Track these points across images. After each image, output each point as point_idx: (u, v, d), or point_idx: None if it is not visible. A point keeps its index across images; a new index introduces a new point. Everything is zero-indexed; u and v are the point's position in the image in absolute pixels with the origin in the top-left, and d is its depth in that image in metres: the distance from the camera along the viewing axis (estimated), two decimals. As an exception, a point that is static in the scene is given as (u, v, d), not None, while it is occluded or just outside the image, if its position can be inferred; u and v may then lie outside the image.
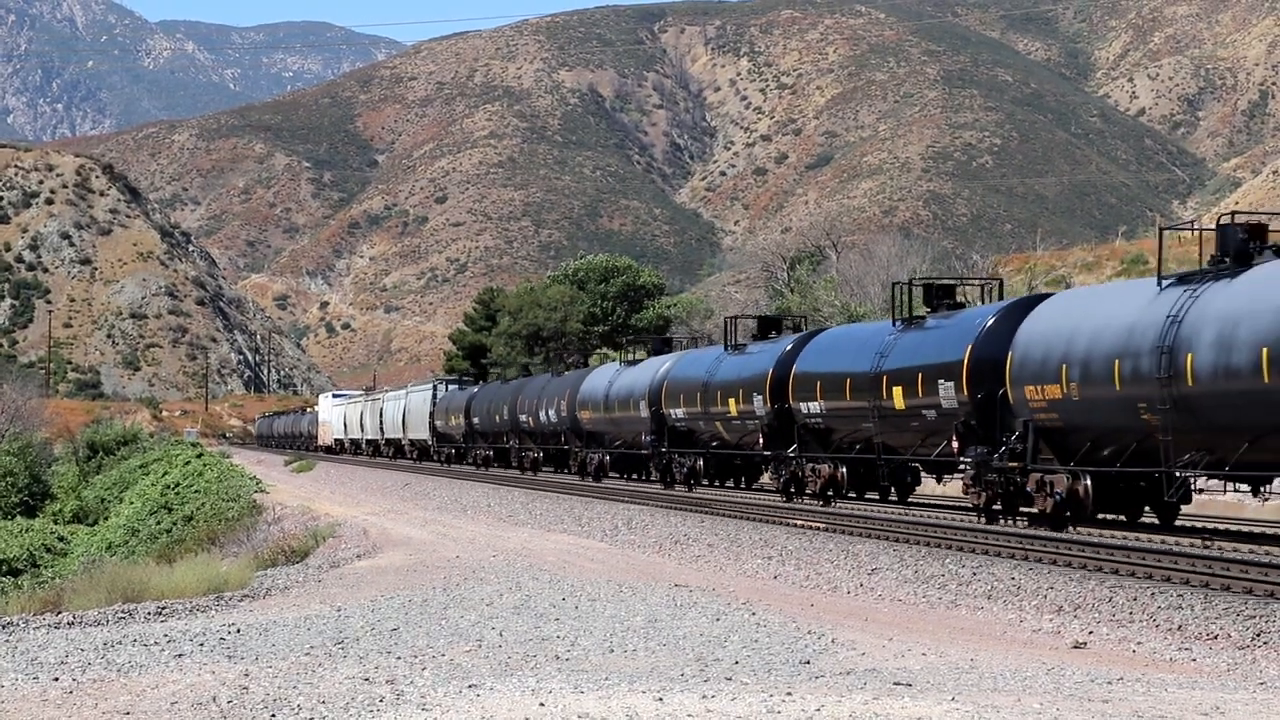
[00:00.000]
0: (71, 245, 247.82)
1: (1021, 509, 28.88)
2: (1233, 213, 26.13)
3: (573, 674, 13.62)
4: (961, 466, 30.72)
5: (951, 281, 37.70)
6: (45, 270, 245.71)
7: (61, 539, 58.19)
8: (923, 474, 37.39)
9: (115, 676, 14.29)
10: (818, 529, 30.45)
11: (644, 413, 49.94)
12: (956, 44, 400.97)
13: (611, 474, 56.24)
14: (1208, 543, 24.34)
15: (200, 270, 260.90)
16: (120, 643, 16.83)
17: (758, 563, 25.93)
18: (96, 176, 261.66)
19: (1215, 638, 16.45)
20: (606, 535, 32.83)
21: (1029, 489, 28.04)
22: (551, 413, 61.66)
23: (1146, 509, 28.08)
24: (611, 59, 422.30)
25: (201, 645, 16.40)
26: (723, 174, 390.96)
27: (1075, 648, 16.31)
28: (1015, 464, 28.20)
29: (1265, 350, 21.92)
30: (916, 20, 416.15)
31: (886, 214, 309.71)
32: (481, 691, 12.58)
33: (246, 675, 13.90)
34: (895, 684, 12.99)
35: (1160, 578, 20.35)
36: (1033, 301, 30.43)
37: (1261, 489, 26.12)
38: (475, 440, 76.18)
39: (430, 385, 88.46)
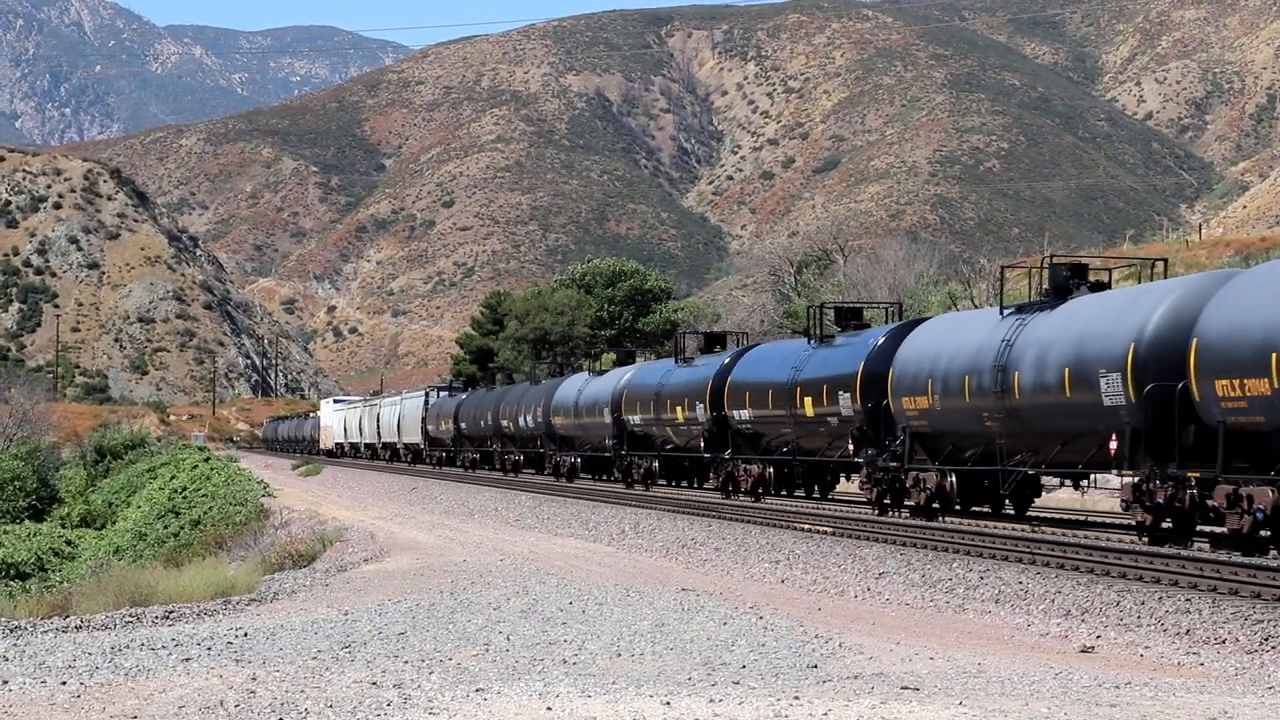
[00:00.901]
0: (79, 249, 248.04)
1: (905, 503, 33.59)
2: (1052, 255, 31.61)
3: (580, 678, 13.62)
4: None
5: (858, 305, 44.07)
6: (53, 274, 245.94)
7: (69, 543, 58.19)
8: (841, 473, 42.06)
9: (122, 680, 14.30)
10: (825, 533, 30.47)
11: (607, 419, 54.57)
12: (963, 48, 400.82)
13: (582, 475, 60.00)
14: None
15: (208, 274, 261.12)
16: (127, 646, 16.84)
17: (765, 567, 25.93)
18: (104, 181, 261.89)
19: (1223, 642, 16.42)
20: (613, 539, 32.84)
21: (908, 485, 32.87)
22: (529, 418, 65.78)
23: (1007, 501, 32.69)
24: (618, 63, 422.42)
25: (209, 649, 16.41)
26: (730, 178, 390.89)
27: (1083, 652, 16.30)
28: (896, 464, 33.29)
29: (1067, 370, 26.96)
30: (923, 24, 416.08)
31: (893, 218, 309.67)
32: (489, 695, 12.59)
33: (254, 679, 13.91)
34: (903, 688, 12.99)
35: (1168, 582, 20.34)
36: (913, 324, 35.65)
37: (1081, 484, 31.57)
38: (463, 444, 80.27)
39: (423, 392, 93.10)
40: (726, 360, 45.26)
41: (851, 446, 35.78)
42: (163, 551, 46.41)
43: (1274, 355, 21.86)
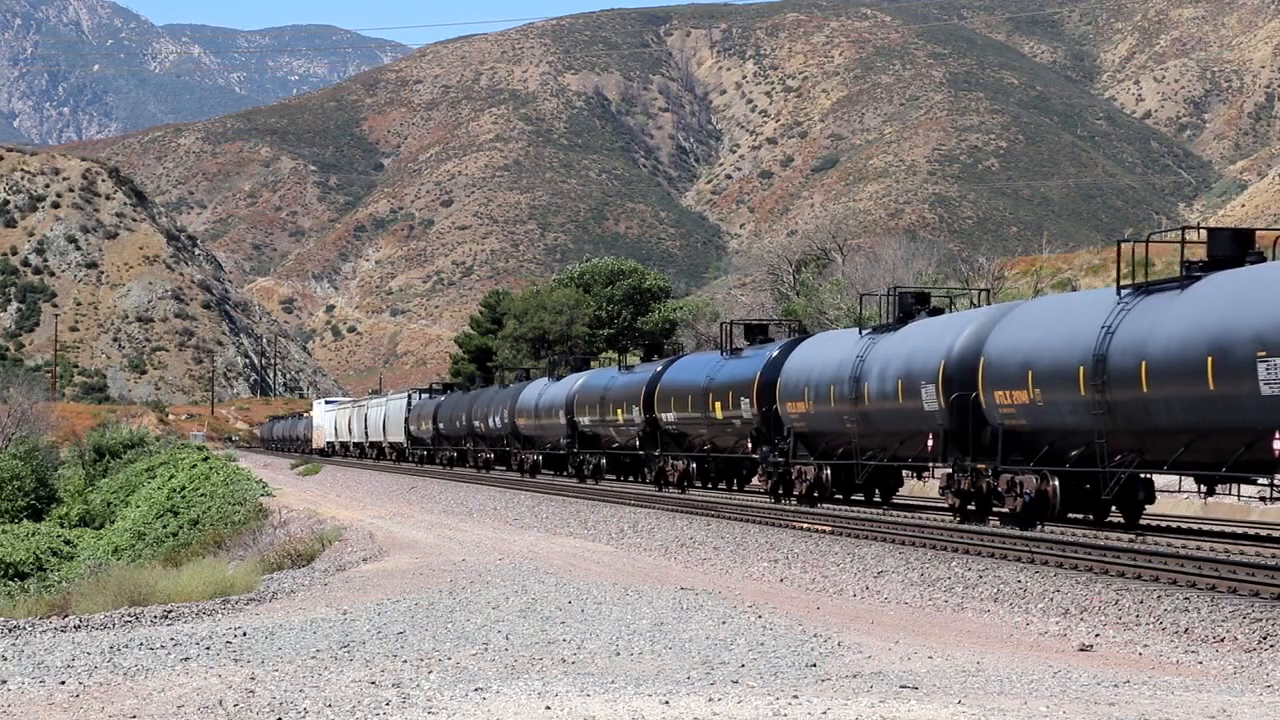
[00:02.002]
0: (78, 249, 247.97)
1: (792, 492, 38.81)
2: (896, 288, 39.04)
3: (579, 677, 13.62)
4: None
5: (764, 321, 51.01)
6: (51, 274, 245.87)
7: (68, 542, 58.24)
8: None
9: (121, 680, 14.30)
10: (824, 532, 30.50)
11: (562, 420, 60.38)
12: (962, 46, 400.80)
13: (544, 471, 65.79)
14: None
15: (206, 273, 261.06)
16: (126, 646, 16.84)
17: (764, 566, 25.93)
18: (103, 180, 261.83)
19: (1222, 640, 16.43)
20: (612, 538, 32.85)
21: (793, 477, 38.44)
22: (497, 419, 71.76)
23: (877, 491, 38.64)
24: (617, 62, 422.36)
25: (208, 649, 16.40)
26: (728, 177, 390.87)
27: (1082, 650, 16.30)
28: (783, 459, 38.97)
29: (900, 381, 32.91)
30: (922, 23, 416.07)
31: (892, 217, 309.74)
32: (487, 695, 12.59)
33: (253, 679, 13.90)
34: (901, 687, 12.99)
35: (1166, 580, 20.34)
36: (800, 340, 41.91)
37: (923, 475, 38.56)
38: (441, 443, 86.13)
39: (406, 394, 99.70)
40: (659, 368, 51.62)
41: (750, 444, 42.32)
42: (161, 551, 46.45)
43: (1029, 372, 28.06)
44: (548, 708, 11.87)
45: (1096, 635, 17.32)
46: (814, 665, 14.37)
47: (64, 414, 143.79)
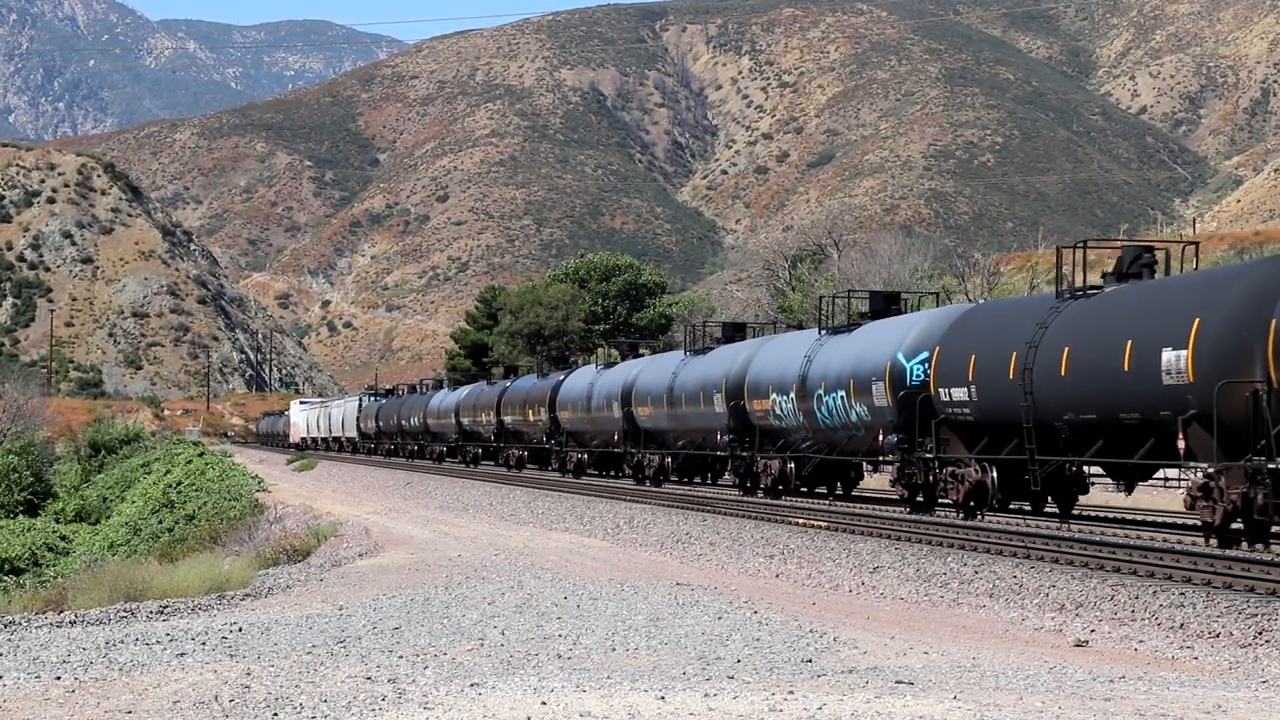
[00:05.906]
0: (73, 244, 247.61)
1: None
2: (626, 341, 66.50)
3: (575, 673, 13.62)
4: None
5: (564, 357, 69.01)
6: (47, 269, 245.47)
7: (64, 538, 58.26)
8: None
9: (117, 675, 14.29)
10: (820, 528, 30.48)
11: (453, 420, 78.83)
12: (958, 42, 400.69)
13: (448, 460, 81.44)
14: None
15: (202, 269, 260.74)
16: (122, 641, 16.83)
17: (759, 561, 25.94)
18: (98, 175, 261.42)
19: (1217, 636, 16.44)
20: (608, 534, 32.84)
21: (568, 460, 58.15)
22: (416, 419, 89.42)
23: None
24: (613, 57, 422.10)
25: (203, 644, 16.40)
26: (724, 172, 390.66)
27: (1077, 646, 16.31)
28: (559, 448, 59.24)
29: (608, 400, 52.93)
30: (918, 18, 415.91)
31: (888, 212, 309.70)
32: (483, 690, 12.58)
33: (248, 674, 13.90)
34: (897, 682, 12.99)
35: (1162, 576, 20.34)
36: (573, 370, 63.75)
37: (621, 460, 55.31)
38: (381, 438, 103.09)
39: (358, 397, 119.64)
40: (509, 383, 70.71)
41: (545, 438, 62.48)
42: (157, 546, 46.45)
43: (649, 397, 48.82)
44: (543, 703, 11.87)
45: (1092, 631, 17.33)
46: (810, 661, 14.38)
47: (59, 409, 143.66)
